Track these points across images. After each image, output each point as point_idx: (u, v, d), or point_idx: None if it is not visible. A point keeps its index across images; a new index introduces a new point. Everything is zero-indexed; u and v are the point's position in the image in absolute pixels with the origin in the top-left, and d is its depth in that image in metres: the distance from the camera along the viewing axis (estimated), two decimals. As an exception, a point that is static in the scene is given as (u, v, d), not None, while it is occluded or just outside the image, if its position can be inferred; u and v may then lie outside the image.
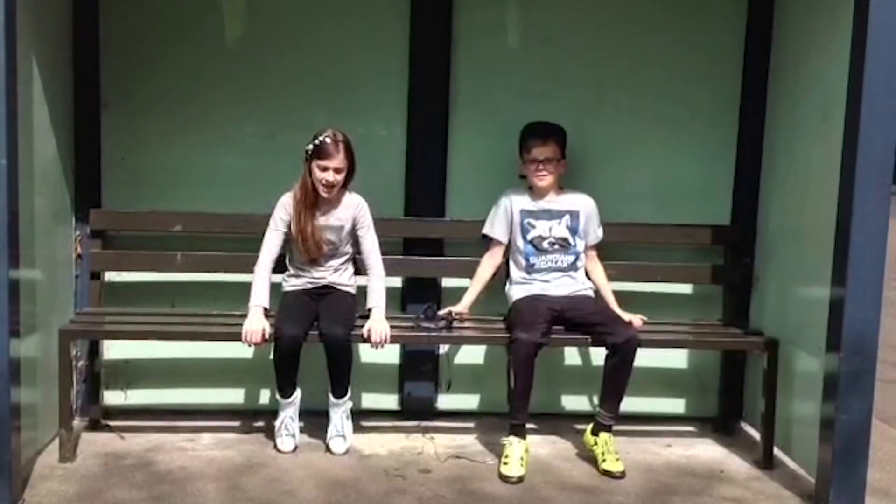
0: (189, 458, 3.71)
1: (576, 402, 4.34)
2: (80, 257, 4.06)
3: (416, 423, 4.22)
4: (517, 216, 3.94)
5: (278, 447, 3.77)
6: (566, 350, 4.31)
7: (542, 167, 3.87)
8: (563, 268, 3.93)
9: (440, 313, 3.93)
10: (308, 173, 3.69)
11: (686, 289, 4.34)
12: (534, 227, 3.93)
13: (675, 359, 4.34)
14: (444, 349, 4.28)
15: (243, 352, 3.97)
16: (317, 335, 3.65)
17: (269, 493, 3.37)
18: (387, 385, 4.30)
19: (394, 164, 4.17)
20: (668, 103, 4.23)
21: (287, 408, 3.80)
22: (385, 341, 3.68)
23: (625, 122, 4.23)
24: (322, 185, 3.67)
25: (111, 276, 4.15)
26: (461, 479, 3.58)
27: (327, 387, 3.77)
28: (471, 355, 4.31)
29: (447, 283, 4.26)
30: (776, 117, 4.06)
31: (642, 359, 3.73)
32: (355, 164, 3.74)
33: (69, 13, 3.91)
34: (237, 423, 4.10)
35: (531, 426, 3.84)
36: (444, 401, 4.33)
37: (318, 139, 3.65)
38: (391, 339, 3.73)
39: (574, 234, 3.94)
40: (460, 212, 4.19)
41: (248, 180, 4.13)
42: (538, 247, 3.92)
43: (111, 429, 4.01)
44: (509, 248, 4.01)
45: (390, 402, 4.32)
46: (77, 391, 4.03)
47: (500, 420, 3.87)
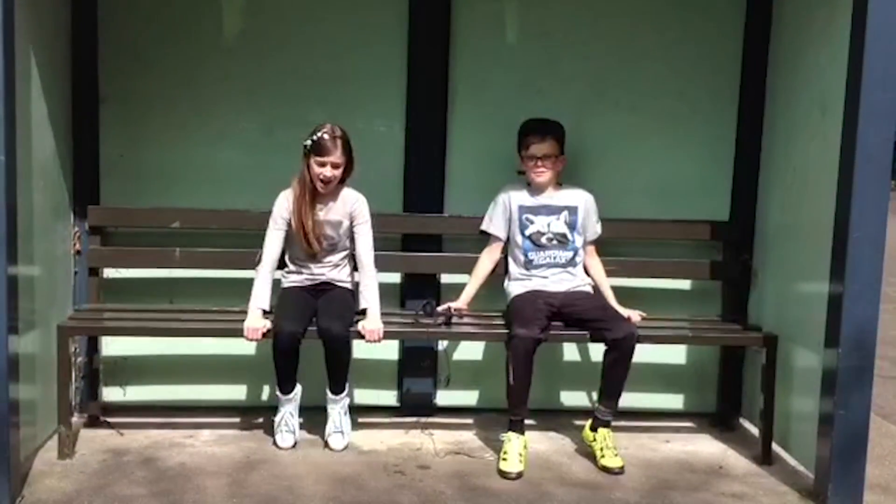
0: (188, 454, 3.71)
1: (574, 398, 4.34)
2: (79, 253, 4.05)
3: (415, 419, 4.22)
4: (516, 212, 3.94)
5: (278, 443, 3.77)
6: (565, 346, 4.31)
7: (540, 164, 3.87)
8: (561, 264, 3.93)
9: (439, 309, 3.93)
10: (306, 168, 3.70)
11: (685, 285, 4.34)
12: (532, 222, 3.93)
13: (674, 355, 4.35)
14: (442, 345, 4.29)
15: (242, 348, 3.98)
16: (315, 331, 3.65)
17: (269, 489, 3.37)
18: (386, 381, 4.30)
19: (392, 160, 4.17)
20: (667, 99, 4.23)
21: (287, 404, 3.80)
22: (379, 339, 3.69)
23: (623, 117, 4.23)
24: (320, 181, 3.67)
25: (110, 273, 4.14)
26: (460, 475, 3.58)
27: (326, 383, 3.78)
28: (469, 351, 4.31)
29: (446, 278, 4.26)
30: (775, 113, 4.06)
31: (641, 355, 3.73)
32: (353, 159, 3.74)
33: (68, 9, 3.91)
34: (237, 420, 4.11)
35: (530, 422, 3.84)
36: (442, 397, 4.34)
37: (317, 135, 3.65)
38: (389, 335, 3.74)
39: (572, 230, 3.94)
40: (459, 208, 4.19)
41: (246, 176, 4.13)
42: (537, 242, 3.92)
43: (110, 425, 4.00)
44: (508, 244, 4.01)
45: (389, 398, 4.32)
46: (76, 387, 4.02)
47: (499, 416, 3.88)
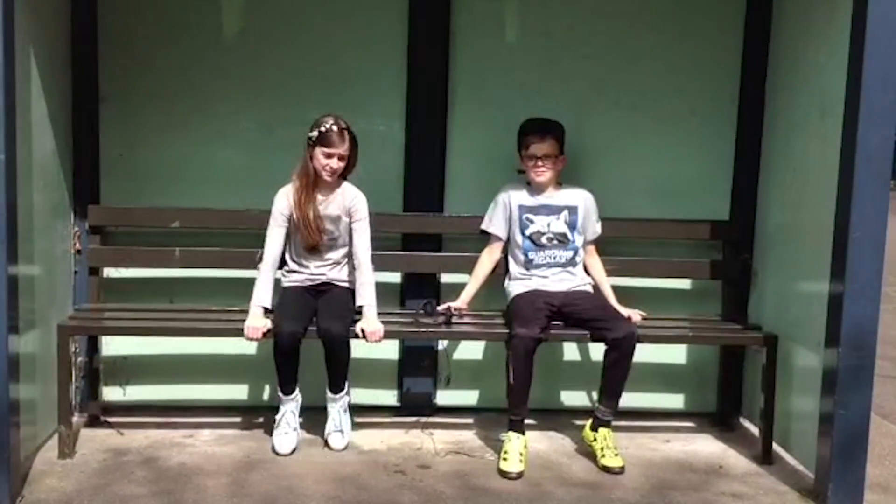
0: (189, 454, 3.71)
1: (575, 398, 4.34)
2: (79, 253, 4.05)
3: (415, 418, 4.22)
4: (516, 212, 3.94)
5: (276, 449, 3.70)
6: (565, 345, 4.31)
7: (540, 163, 3.87)
8: (561, 263, 3.93)
9: (439, 309, 3.93)
10: (310, 159, 3.70)
11: (685, 284, 4.34)
12: (532, 222, 3.93)
13: (674, 354, 4.35)
14: (443, 345, 4.29)
15: (243, 347, 3.98)
16: (315, 331, 3.64)
17: (269, 489, 3.37)
18: (386, 381, 4.30)
19: (392, 160, 4.17)
20: (667, 99, 4.23)
21: (288, 404, 3.79)
22: (380, 340, 3.69)
23: (624, 117, 4.23)
24: (325, 172, 3.68)
25: (110, 272, 4.14)
26: (460, 475, 3.58)
27: (325, 383, 3.78)
28: (470, 351, 4.31)
29: (446, 278, 4.26)
30: (775, 113, 4.06)
31: (641, 354, 3.73)
32: (357, 152, 3.75)
33: (67, 8, 3.90)
34: (237, 419, 4.10)
35: (530, 422, 3.84)
36: (443, 396, 4.33)
37: (323, 127, 3.66)
38: (389, 335, 3.73)
39: (572, 230, 3.94)
40: (459, 207, 4.19)
41: (246, 176, 4.13)
42: (537, 242, 3.92)
43: (110, 425, 4.00)
44: (508, 244, 4.01)
45: (389, 397, 4.32)
46: (76, 387, 4.02)
47: (500, 416, 3.88)
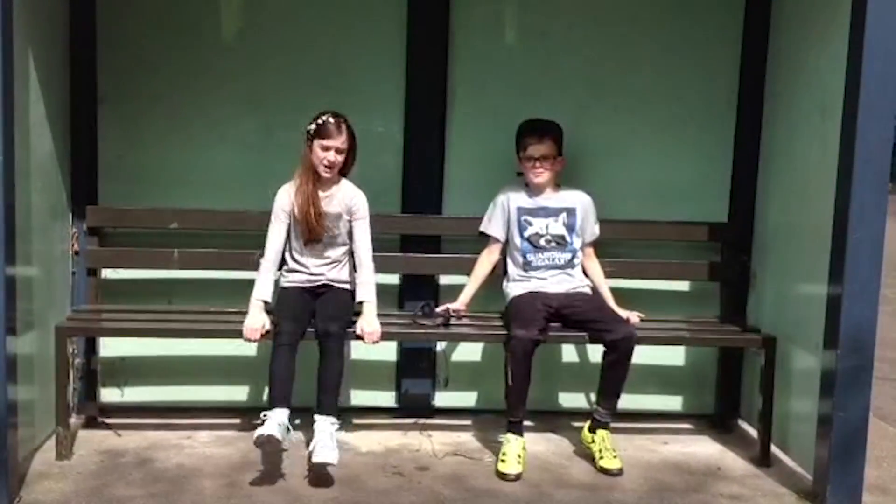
0: (186, 455, 3.71)
1: (573, 400, 4.34)
2: (77, 254, 4.05)
3: (413, 420, 4.21)
4: (514, 213, 3.93)
5: (259, 432, 3.33)
6: (563, 347, 4.31)
7: (538, 164, 3.87)
8: (560, 265, 3.93)
9: (437, 310, 3.93)
10: (309, 153, 3.69)
11: (683, 286, 4.34)
12: (531, 224, 3.93)
13: (673, 356, 4.35)
14: (441, 346, 4.28)
15: (241, 348, 3.97)
16: (313, 332, 3.62)
17: (266, 491, 3.36)
18: (384, 382, 4.30)
19: (391, 161, 4.17)
20: (666, 101, 4.23)
21: (275, 416, 3.41)
22: (378, 341, 3.68)
23: (622, 119, 4.23)
24: (323, 165, 3.67)
25: (108, 273, 4.14)
26: (459, 477, 3.57)
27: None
28: (468, 352, 4.31)
29: (444, 279, 4.26)
30: (774, 114, 4.06)
31: (639, 356, 3.73)
32: (356, 147, 3.74)
33: (66, 8, 3.90)
34: (235, 421, 4.09)
35: (528, 423, 3.84)
36: (441, 398, 4.33)
37: (321, 119, 3.66)
38: (388, 336, 3.73)
39: (571, 232, 3.94)
40: (458, 208, 4.19)
41: (245, 177, 4.13)
42: (535, 244, 3.92)
43: (108, 426, 4.00)
44: (507, 246, 4.01)
45: (387, 399, 4.31)
46: (74, 388, 4.00)
47: (498, 417, 3.88)
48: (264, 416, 3.41)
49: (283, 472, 3.54)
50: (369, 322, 3.69)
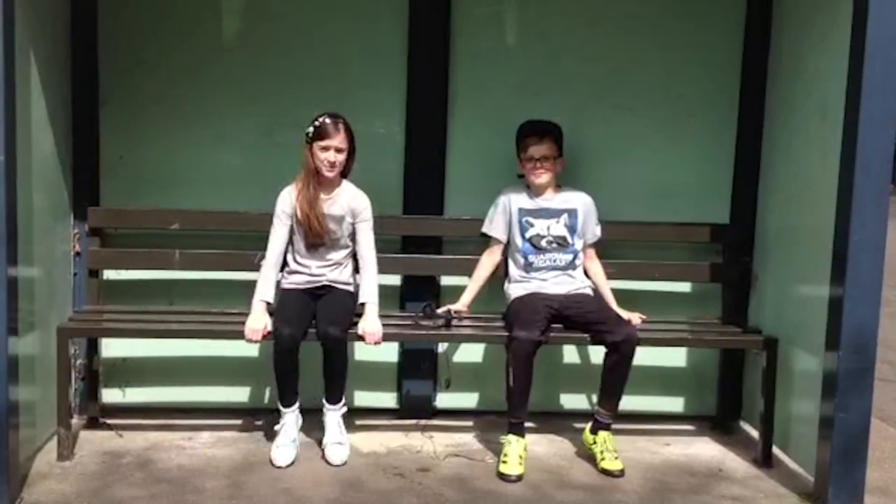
0: (187, 456, 3.71)
1: (575, 401, 4.34)
2: (79, 255, 4.05)
3: (414, 421, 4.21)
4: (515, 215, 3.94)
5: (274, 461, 3.58)
6: (565, 348, 4.31)
7: (538, 165, 3.87)
8: (561, 266, 3.93)
9: (439, 311, 3.93)
10: (310, 157, 3.69)
11: (685, 287, 4.34)
12: (532, 225, 3.93)
13: (674, 357, 4.34)
14: (442, 347, 4.28)
15: (242, 349, 3.97)
16: (314, 333, 3.63)
17: (268, 492, 3.36)
18: (385, 383, 4.29)
19: (392, 162, 4.17)
20: (667, 102, 4.23)
21: (288, 416, 3.69)
22: (379, 342, 3.68)
23: (623, 120, 4.23)
24: (324, 166, 3.67)
25: (109, 274, 4.14)
26: (460, 478, 3.57)
27: (322, 392, 3.74)
28: (469, 353, 4.30)
29: (446, 280, 4.25)
30: (775, 117, 4.06)
31: (641, 357, 3.73)
32: (356, 146, 3.74)
33: (68, 10, 3.90)
34: (236, 422, 4.10)
35: (530, 425, 3.84)
36: (442, 399, 4.33)
37: (318, 121, 3.67)
38: (389, 338, 3.73)
39: (572, 233, 3.94)
40: (459, 209, 4.19)
41: (246, 178, 4.13)
42: (536, 245, 3.92)
43: (109, 427, 4.00)
44: (508, 247, 4.01)
45: (389, 400, 4.31)
46: (75, 389, 4.03)
47: (499, 418, 3.88)
48: (279, 428, 3.68)
49: (284, 473, 3.54)
50: (371, 323, 3.69)
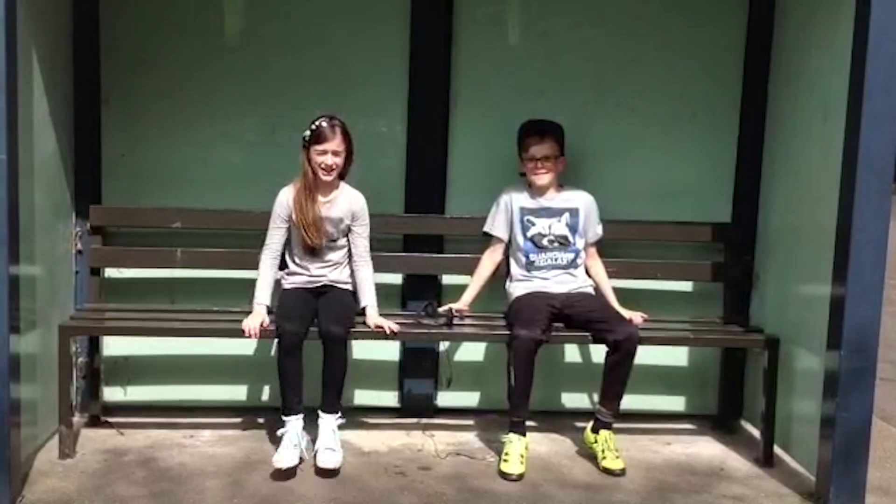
0: (189, 454, 3.71)
1: (576, 400, 4.34)
2: (80, 253, 4.05)
3: (415, 420, 4.21)
4: (517, 214, 3.93)
5: (277, 463, 3.45)
6: (566, 347, 4.31)
7: (540, 165, 3.87)
8: (562, 265, 3.93)
9: (440, 310, 3.93)
10: (307, 161, 3.69)
11: (686, 286, 4.34)
12: (533, 224, 3.93)
13: (676, 356, 4.34)
14: (444, 346, 4.28)
15: (243, 348, 3.98)
16: (316, 332, 3.62)
17: (269, 490, 3.37)
18: (387, 382, 4.30)
19: (394, 161, 4.17)
20: (669, 101, 4.23)
21: (291, 423, 3.56)
22: (396, 329, 3.70)
23: (625, 119, 4.23)
24: (322, 169, 3.67)
25: (111, 273, 4.14)
26: (461, 477, 3.58)
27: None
28: (471, 352, 4.31)
29: (447, 279, 4.25)
30: (777, 115, 4.06)
31: (642, 356, 3.73)
32: (353, 149, 3.74)
33: (69, 8, 3.90)
34: (237, 420, 4.10)
35: (531, 423, 3.83)
36: (444, 398, 4.33)
37: (314, 125, 3.67)
38: (390, 336, 3.73)
39: (574, 232, 3.94)
40: (460, 208, 4.19)
41: (247, 176, 4.13)
42: (538, 244, 3.92)
43: (111, 425, 4.00)
44: (509, 246, 4.01)
45: (390, 398, 4.31)
46: (77, 387, 4.03)
47: (500, 417, 3.88)
48: (282, 433, 3.54)
49: (286, 471, 3.54)
50: (380, 318, 3.71)
